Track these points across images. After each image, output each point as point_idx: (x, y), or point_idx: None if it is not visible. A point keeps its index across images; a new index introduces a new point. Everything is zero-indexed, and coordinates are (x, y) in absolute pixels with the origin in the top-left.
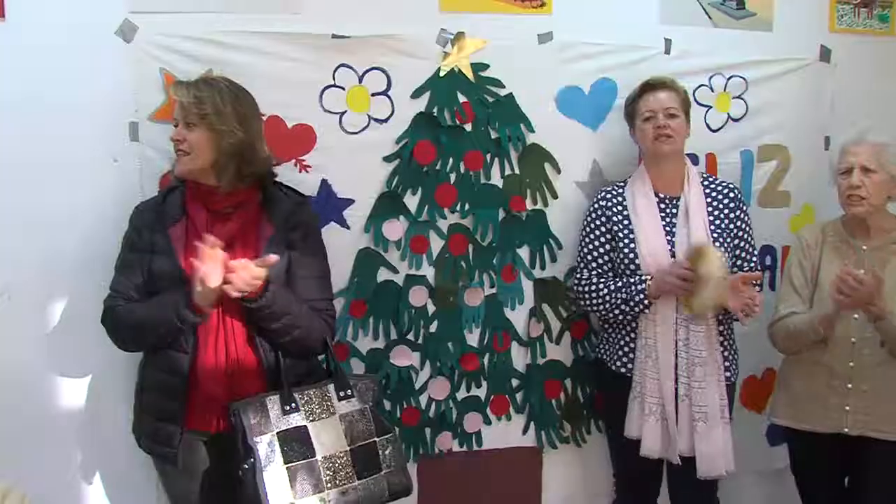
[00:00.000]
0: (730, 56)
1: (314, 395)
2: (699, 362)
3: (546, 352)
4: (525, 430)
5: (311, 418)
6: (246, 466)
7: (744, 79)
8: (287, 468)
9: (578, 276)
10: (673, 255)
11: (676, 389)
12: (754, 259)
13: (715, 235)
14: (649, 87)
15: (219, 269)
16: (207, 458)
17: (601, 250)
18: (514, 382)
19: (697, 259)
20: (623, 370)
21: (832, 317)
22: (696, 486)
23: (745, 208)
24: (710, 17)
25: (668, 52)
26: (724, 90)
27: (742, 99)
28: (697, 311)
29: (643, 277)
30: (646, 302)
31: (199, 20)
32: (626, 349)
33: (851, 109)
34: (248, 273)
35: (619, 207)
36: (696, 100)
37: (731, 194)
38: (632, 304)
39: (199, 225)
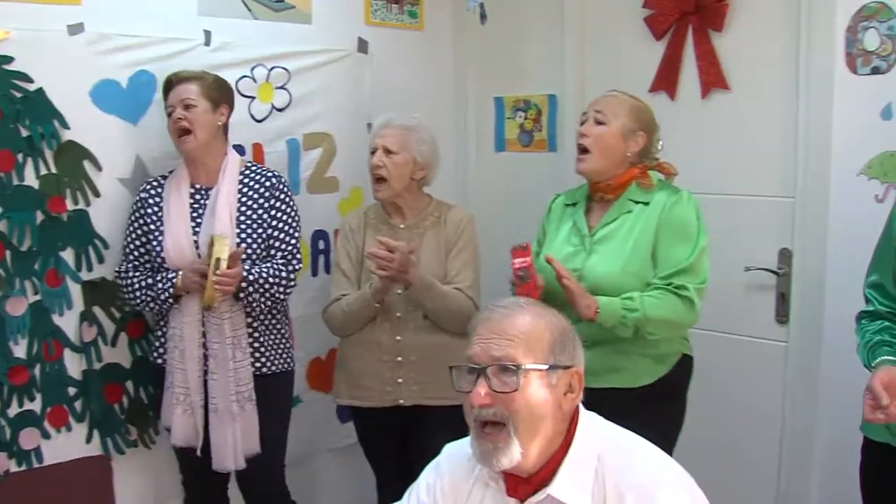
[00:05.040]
0: (271, 47)
1: None
2: (213, 354)
3: (102, 356)
4: (89, 439)
5: None
6: None
7: (286, 69)
8: None
9: (118, 268)
10: (197, 247)
11: (206, 381)
12: (289, 247)
13: (244, 226)
14: (168, 83)
15: None
16: None
17: (137, 243)
18: (72, 391)
19: (209, 250)
20: (159, 360)
21: (382, 289)
22: (257, 474)
23: (282, 196)
24: (249, 10)
25: (207, 43)
26: (267, 80)
27: (285, 89)
28: (206, 301)
29: (170, 276)
30: (171, 300)
31: None
32: (161, 340)
33: (389, 97)
34: None
35: (156, 200)
36: (239, 91)
37: (268, 183)
38: (160, 300)
39: None
